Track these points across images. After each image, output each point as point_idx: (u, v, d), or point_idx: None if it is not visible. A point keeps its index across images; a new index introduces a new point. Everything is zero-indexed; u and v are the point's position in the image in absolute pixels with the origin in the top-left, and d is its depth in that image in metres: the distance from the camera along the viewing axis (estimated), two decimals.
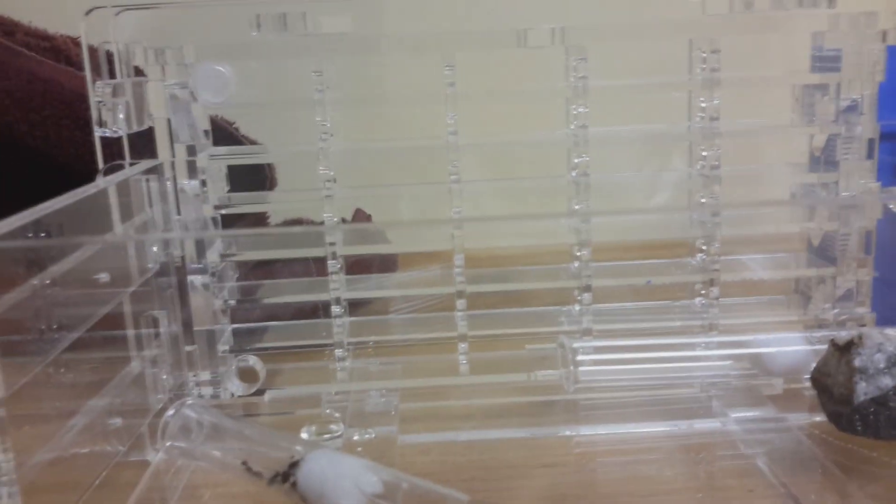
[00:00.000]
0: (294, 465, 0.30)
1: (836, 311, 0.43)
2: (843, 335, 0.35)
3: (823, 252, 0.44)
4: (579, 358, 0.38)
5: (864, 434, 0.33)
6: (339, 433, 0.37)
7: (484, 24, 0.41)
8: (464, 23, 0.41)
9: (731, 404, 0.39)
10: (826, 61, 0.41)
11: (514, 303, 0.45)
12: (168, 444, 0.33)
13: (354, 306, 0.45)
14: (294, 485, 0.30)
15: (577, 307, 0.42)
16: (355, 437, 0.37)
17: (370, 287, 0.45)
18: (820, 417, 0.36)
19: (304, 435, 0.37)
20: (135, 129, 0.39)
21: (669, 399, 0.40)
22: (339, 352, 0.42)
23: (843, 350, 0.34)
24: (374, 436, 0.37)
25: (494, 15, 0.41)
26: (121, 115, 0.39)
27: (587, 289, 0.42)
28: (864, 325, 0.42)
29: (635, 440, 0.38)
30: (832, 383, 0.34)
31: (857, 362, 0.33)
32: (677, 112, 0.44)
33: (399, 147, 0.44)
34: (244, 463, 0.31)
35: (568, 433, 0.38)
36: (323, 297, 0.42)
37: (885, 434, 0.33)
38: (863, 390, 0.33)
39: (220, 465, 0.32)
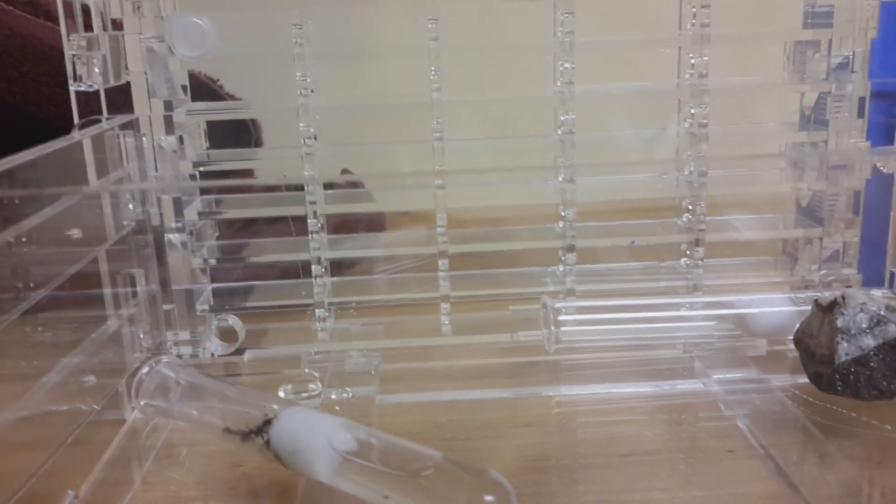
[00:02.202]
0: (268, 422, 0.30)
1: (822, 272, 0.42)
2: (826, 295, 0.34)
3: (811, 213, 0.43)
4: (561, 318, 0.38)
5: (844, 394, 0.33)
6: (316, 392, 0.37)
7: None
8: None
9: (713, 365, 0.39)
10: (818, 17, 0.41)
11: (499, 264, 0.44)
12: (143, 402, 0.33)
13: (341, 266, 0.44)
14: (268, 442, 0.29)
15: (560, 268, 0.42)
16: (333, 397, 0.37)
17: (356, 246, 0.44)
18: (802, 378, 0.35)
19: (280, 394, 0.37)
20: (111, 83, 0.38)
21: (652, 360, 0.40)
22: (319, 312, 0.42)
23: (826, 310, 0.34)
24: (351, 395, 0.37)
25: None
26: (96, 69, 0.38)
27: (571, 249, 0.41)
28: (850, 287, 0.42)
29: (616, 400, 0.37)
30: (815, 344, 0.34)
31: (839, 322, 0.33)
32: (667, 69, 0.43)
33: (383, 104, 0.43)
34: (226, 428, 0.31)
35: (549, 393, 0.38)
36: (304, 256, 0.41)
37: (865, 394, 0.33)
38: (844, 350, 0.32)
39: (195, 423, 0.32)
